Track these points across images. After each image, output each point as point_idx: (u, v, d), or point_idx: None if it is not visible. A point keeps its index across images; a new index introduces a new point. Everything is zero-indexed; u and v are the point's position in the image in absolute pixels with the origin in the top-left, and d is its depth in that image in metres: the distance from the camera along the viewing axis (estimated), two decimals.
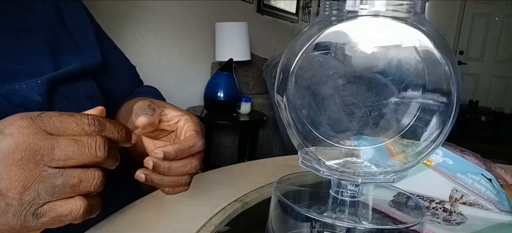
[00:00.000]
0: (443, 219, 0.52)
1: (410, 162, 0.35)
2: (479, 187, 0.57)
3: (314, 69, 0.34)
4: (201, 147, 0.41)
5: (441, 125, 0.32)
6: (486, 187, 0.57)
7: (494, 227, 0.50)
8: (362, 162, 0.36)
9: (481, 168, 0.60)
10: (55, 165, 0.28)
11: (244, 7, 3.03)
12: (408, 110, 0.33)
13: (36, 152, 0.27)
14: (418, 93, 0.32)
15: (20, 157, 0.27)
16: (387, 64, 0.32)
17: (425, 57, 0.32)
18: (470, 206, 0.56)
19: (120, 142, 0.32)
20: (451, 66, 0.31)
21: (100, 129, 0.29)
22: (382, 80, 0.33)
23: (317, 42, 0.33)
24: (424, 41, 0.31)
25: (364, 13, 0.32)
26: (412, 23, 0.31)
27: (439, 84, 0.32)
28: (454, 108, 0.31)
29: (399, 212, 0.41)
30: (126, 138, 0.32)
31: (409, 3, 0.32)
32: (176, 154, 0.38)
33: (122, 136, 0.32)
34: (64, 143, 0.28)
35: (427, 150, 0.34)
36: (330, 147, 0.36)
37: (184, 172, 0.40)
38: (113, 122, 0.31)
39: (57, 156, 0.27)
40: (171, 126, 0.45)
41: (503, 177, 0.63)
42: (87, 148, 0.28)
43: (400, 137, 0.35)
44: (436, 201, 0.56)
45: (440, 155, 0.61)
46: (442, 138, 0.33)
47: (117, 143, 0.32)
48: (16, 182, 0.27)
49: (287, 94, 0.34)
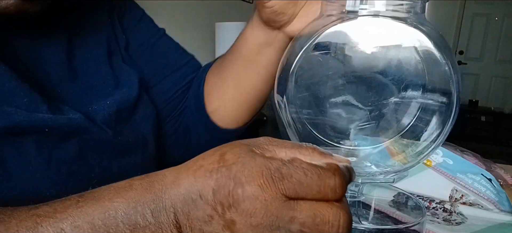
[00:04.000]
0: (443, 219, 0.52)
1: (410, 162, 0.35)
2: (479, 187, 0.58)
3: (314, 69, 0.34)
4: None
5: (441, 125, 0.32)
6: (486, 187, 0.58)
7: (494, 227, 0.50)
8: (363, 162, 0.37)
9: (481, 168, 0.60)
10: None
11: (244, 7, 3.03)
12: (408, 110, 0.33)
13: (273, 222, 0.25)
14: (418, 93, 0.32)
15: (256, 224, 0.25)
16: (387, 64, 0.32)
17: (425, 57, 0.32)
18: (470, 206, 0.56)
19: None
20: (451, 66, 0.31)
21: (342, 194, 0.25)
22: (382, 80, 0.33)
23: (317, 42, 0.33)
24: (424, 41, 0.31)
25: (364, 13, 0.32)
26: (412, 23, 0.31)
27: (439, 84, 0.32)
28: (454, 108, 0.32)
29: (399, 212, 0.41)
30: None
31: (409, 3, 0.32)
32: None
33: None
34: (303, 215, 0.25)
35: (427, 150, 0.34)
36: (330, 147, 0.36)
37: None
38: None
39: (295, 230, 0.25)
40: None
41: (503, 177, 0.63)
42: (328, 226, 0.25)
43: (400, 137, 0.35)
44: (436, 201, 0.56)
45: (440, 155, 0.62)
46: (442, 138, 0.33)
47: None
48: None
49: (287, 94, 0.34)
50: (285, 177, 0.24)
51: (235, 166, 0.25)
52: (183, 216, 0.27)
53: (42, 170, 0.36)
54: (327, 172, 0.25)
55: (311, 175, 0.24)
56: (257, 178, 0.24)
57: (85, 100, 0.45)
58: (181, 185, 0.27)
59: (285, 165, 0.25)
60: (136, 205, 0.27)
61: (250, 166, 0.25)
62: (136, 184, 0.28)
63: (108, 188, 0.28)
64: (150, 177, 0.28)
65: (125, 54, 0.54)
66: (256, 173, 0.25)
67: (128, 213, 0.27)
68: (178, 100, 0.59)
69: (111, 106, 0.46)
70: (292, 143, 0.28)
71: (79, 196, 0.28)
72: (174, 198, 0.27)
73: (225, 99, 0.56)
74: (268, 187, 0.24)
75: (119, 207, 0.27)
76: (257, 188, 0.24)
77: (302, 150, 0.28)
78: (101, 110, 0.44)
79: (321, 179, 0.24)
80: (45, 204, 0.28)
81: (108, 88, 0.48)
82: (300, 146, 0.28)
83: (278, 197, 0.24)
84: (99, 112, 0.44)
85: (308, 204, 0.25)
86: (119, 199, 0.27)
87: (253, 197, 0.24)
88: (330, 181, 0.25)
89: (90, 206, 0.27)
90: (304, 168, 0.25)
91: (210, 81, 0.58)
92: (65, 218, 0.26)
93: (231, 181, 0.25)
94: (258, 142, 0.28)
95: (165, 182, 0.28)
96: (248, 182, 0.25)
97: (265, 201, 0.24)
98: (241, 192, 0.24)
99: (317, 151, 0.28)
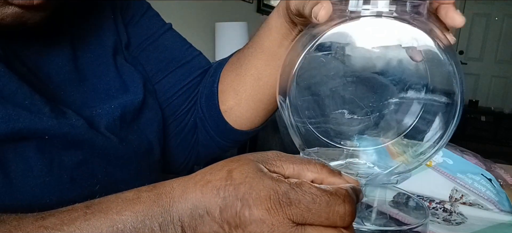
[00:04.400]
0: (443, 219, 0.52)
1: (413, 163, 0.34)
2: (479, 187, 0.58)
3: (316, 70, 0.34)
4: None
5: (444, 126, 0.32)
6: (486, 187, 0.58)
7: (494, 227, 0.50)
8: (365, 163, 0.36)
9: (481, 168, 0.61)
10: None
11: (244, 7, 3.03)
12: (411, 110, 0.33)
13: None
14: (421, 94, 0.32)
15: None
16: (390, 65, 0.32)
17: (428, 58, 0.32)
18: (470, 206, 0.56)
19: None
20: (455, 66, 0.31)
21: (351, 221, 0.25)
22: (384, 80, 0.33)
23: (320, 42, 0.32)
24: (427, 41, 0.31)
25: (367, 13, 0.31)
26: (415, 24, 0.31)
27: (442, 84, 0.32)
28: (458, 108, 0.31)
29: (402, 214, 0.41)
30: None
31: (411, 3, 0.31)
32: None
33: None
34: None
35: (430, 151, 0.34)
36: (332, 148, 0.36)
37: None
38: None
39: None
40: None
41: (503, 177, 0.63)
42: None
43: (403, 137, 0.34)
44: (436, 201, 0.56)
45: (440, 155, 0.62)
46: (446, 139, 0.33)
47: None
48: None
49: (289, 95, 0.34)
50: (293, 202, 0.24)
51: (243, 187, 0.25)
52: (190, 230, 0.27)
53: (44, 176, 0.36)
54: (336, 199, 0.24)
55: (320, 201, 0.24)
56: (264, 202, 0.24)
57: (90, 103, 0.44)
58: (189, 199, 0.27)
59: (293, 190, 0.24)
60: (144, 218, 0.27)
61: (258, 188, 0.25)
62: (144, 197, 0.28)
63: (116, 200, 0.28)
64: (158, 188, 0.28)
65: (126, 52, 0.52)
66: (264, 196, 0.24)
67: (137, 227, 0.27)
68: (183, 97, 0.56)
69: (116, 110, 0.45)
70: (301, 158, 0.28)
71: (86, 207, 0.28)
72: (181, 212, 0.27)
73: (241, 97, 0.53)
74: (275, 212, 0.24)
75: (127, 221, 0.27)
76: (265, 212, 0.24)
77: (310, 167, 0.27)
78: (105, 115, 0.44)
79: (330, 206, 0.24)
80: (51, 214, 0.28)
81: (113, 91, 0.47)
82: (309, 162, 0.28)
83: (285, 222, 0.24)
84: (103, 117, 0.43)
85: (315, 231, 0.24)
86: (127, 212, 0.27)
87: (260, 221, 0.24)
88: (340, 208, 0.24)
89: (98, 219, 0.27)
90: (313, 194, 0.24)
91: (226, 78, 0.55)
92: (73, 231, 0.26)
93: (239, 202, 0.25)
94: (266, 157, 0.28)
95: (173, 195, 0.27)
96: (256, 205, 0.24)
97: (272, 225, 0.24)
98: (248, 215, 0.24)
99: (325, 168, 0.28)
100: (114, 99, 0.46)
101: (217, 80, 0.55)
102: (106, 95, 0.46)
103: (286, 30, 0.46)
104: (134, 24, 0.55)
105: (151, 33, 0.56)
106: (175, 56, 0.56)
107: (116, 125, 0.44)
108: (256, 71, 0.51)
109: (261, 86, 0.52)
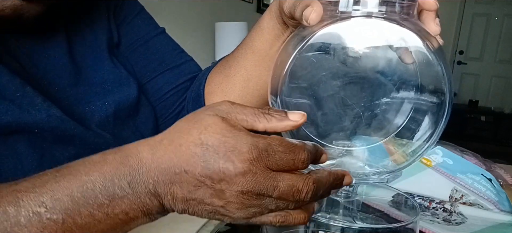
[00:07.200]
0: (443, 219, 0.52)
1: (404, 162, 0.35)
2: (479, 187, 0.58)
3: (308, 70, 0.34)
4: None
5: (433, 125, 0.33)
6: (486, 187, 0.58)
7: (494, 227, 0.50)
8: (356, 162, 0.37)
9: (481, 168, 0.61)
10: (271, 199, 0.29)
11: (244, 7, 3.03)
12: (401, 110, 0.33)
13: (260, 190, 0.29)
14: (411, 94, 0.33)
15: (246, 191, 0.28)
16: (380, 65, 0.32)
17: (417, 58, 0.32)
18: (470, 206, 0.56)
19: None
20: (443, 67, 0.31)
21: (308, 164, 0.30)
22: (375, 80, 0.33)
23: (311, 43, 0.33)
24: (416, 41, 0.31)
25: (357, 14, 0.32)
26: (405, 24, 0.32)
27: (431, 84, 0.32)
28: (446, 108, 0.32)
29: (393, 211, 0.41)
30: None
31: (401, 4, 0.32)
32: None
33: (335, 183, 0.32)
34: (284, 185, 0.29)
35: (420, 150, 0.34)
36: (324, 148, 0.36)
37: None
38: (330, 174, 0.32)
39: (276, 195, 0.29)
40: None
41: (503, 177, 0.63)
42: (299, 193, 0.30)
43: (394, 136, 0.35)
44: (436, 201, 0.56)
45: (440, 155, 0.62)
46: (435, 137, 0.33)
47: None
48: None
49: (281, 94, 0.34)
50: (270, 154, 0.29)
51: (223, 146, 0.28)
52: (164, 186, 0.29)
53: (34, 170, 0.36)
54: (299, 149, 0.30)
55: (289, 152, 0.29)
56: (247, 156, 0.28)
57: (85, 98, 0.44)
58: (161, 162, 0.29)
59: (270, 146, 0.29)
60: (112, 177, 0.29)
61: (240, 146, 0.28)
62: (110, 159, 0.30)
63: (83, 163, 0.30)
64: (124, 151, 0.30)
65: (116, 51, 0.53)
66: (246, 151, 0.28)
67: (106, 185, 0.28)
68: (172, 100, 0.57)
69: (109, 107, 0.45)
70: (251, 110, 0.31)
71: (56, 171, 0.30)
72: (152, 171, 0.29)
73: (229, 98, 0.54)
74: (257, 163, 0.28)
75: (97, 181, 0.29)
76: (248, 164, 0.28)
77: (260, 118, 0.31)
78: (97, 112, 0.44)
79: (295, 154, 0.29)
80: (24, 179, 0.29)
81: (108, 84, 0.47)
82: (258, 114, 0.31)
83: (265, 170, 0.28)
84: (96, 114, 0.44)
85: (287, 176, 0.29)
86: (95, 173, 0.29)
87: (244, 172, 0.28)
88: (301, 156, 0.30)
89: (68, 180, 0.29)
90: (284, 146, 0.29)
91: (214, 80, 0.56)
92: (45, 192, 0.28)
93: (221, 160, 0.28)
94: (223, 111, 0.30)
95: (141, 157, 0.29)
96: (239, 160, 0.28)
97: (255, 174, 0.28)
98: (233, 168, 0.28)
99: (274, 118, 0.31)
100: (109, 94, 0.46)
101: (204, 82, 0.56)
102: (102, 89, 0.46)
103: (278, 31, 0.47)
104: (127, 24, 0.55)
105: (142, 34, 0.56)
106: (165, 58, 0.57)
107: (109, 122, 0.45)
108: (246, 72, 0.52)
109: (250, 87, 0.53)
